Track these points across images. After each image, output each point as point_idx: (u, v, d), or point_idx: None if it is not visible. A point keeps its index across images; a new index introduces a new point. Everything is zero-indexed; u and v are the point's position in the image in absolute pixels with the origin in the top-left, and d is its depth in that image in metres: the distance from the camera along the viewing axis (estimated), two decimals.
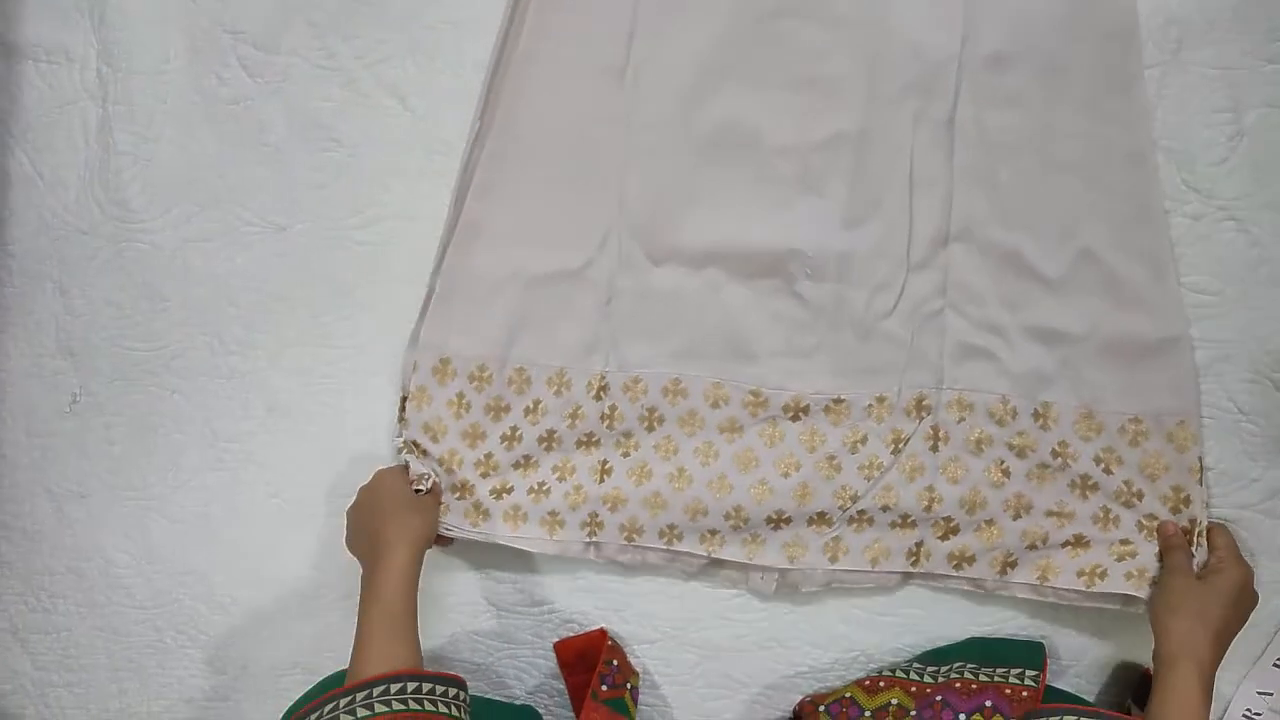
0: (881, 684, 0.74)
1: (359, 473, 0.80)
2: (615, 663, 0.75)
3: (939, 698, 0.70)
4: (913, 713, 0.71)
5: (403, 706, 0.58)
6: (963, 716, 0.69)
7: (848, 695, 0.74)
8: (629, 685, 0.74)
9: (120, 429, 0.84)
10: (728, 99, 0.76)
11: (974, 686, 0.70)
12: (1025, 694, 0.69)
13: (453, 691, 0.62)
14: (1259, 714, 0.76)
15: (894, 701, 0.72)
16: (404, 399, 0.79)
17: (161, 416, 0.84)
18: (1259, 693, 0.76)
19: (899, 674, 0.75)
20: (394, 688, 0.59)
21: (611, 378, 0.78)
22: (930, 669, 0.74)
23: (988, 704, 0.69)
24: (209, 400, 0.83)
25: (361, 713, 0.58)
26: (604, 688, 0.72)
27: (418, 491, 0.75)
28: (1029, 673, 0.71)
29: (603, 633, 0.78)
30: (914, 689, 0.72)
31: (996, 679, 0.71)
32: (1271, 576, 0.76)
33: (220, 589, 0.84)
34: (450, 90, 0.80)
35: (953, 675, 0.72)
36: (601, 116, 0.77)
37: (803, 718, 0.77)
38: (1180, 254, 0.75)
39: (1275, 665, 0.75)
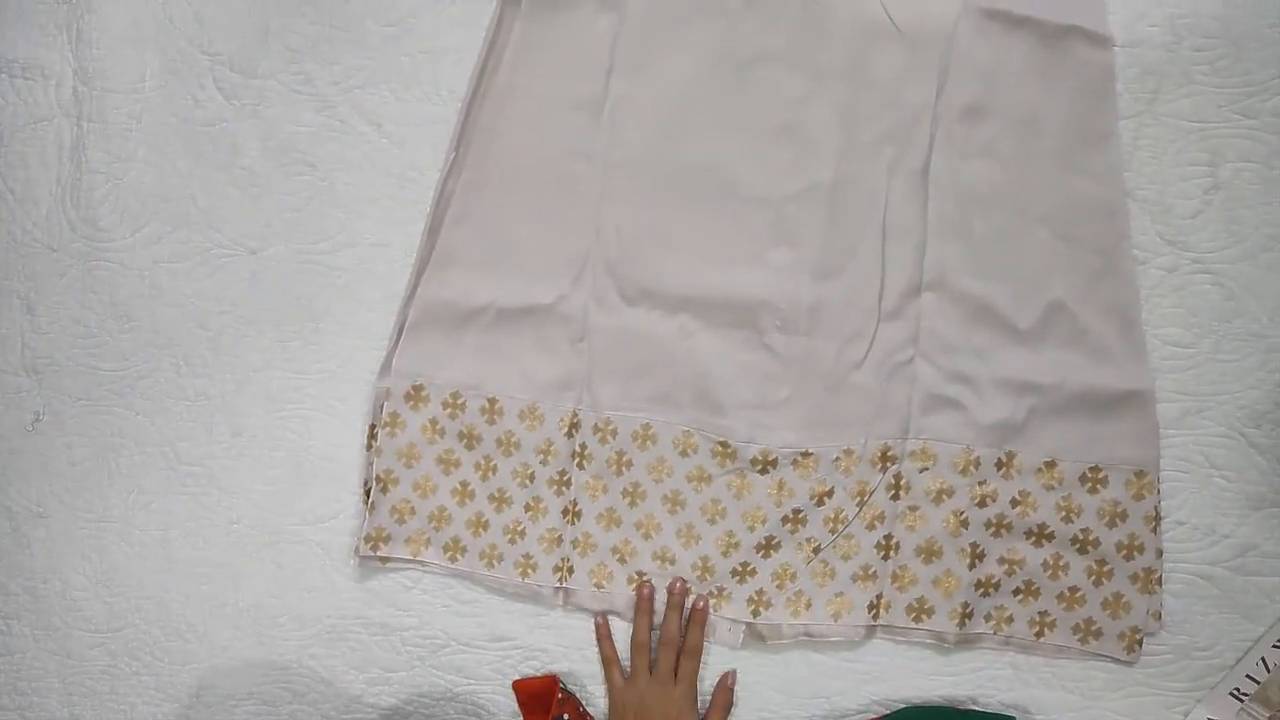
0: None
1: (322, 500, 0.83)
2: (566, 716, 0.76)
3: None
4: None
5: None
6: None
7: None
8: None
9: (82, 449, 0.86)
10: (704, 142, 0.78)
11: None
12: None
13: None
14: None
15: None
16: (372, 428, 0.81)
17: (124, 438, 0.86)
18: (1209, 719, 0.77)
19: None
20: None
21: (583, 416, 0.80)
22: None
23: None
24: (173, 422, 0.85)
25: None
26: None
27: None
28: None
29: (554, 681, 0.79)
30: None
31: None
32: (1242, 634, 0.78)
33: (177, 615, 0.85)
34: (426, 118, 0.82)
35: None
36: (578, 151, 0.79)
37: None
38: (1154, 306, 0.78)
39: (1231, 695, 0.77)
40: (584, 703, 0.81)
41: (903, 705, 0.80)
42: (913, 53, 0.76)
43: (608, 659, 0.79)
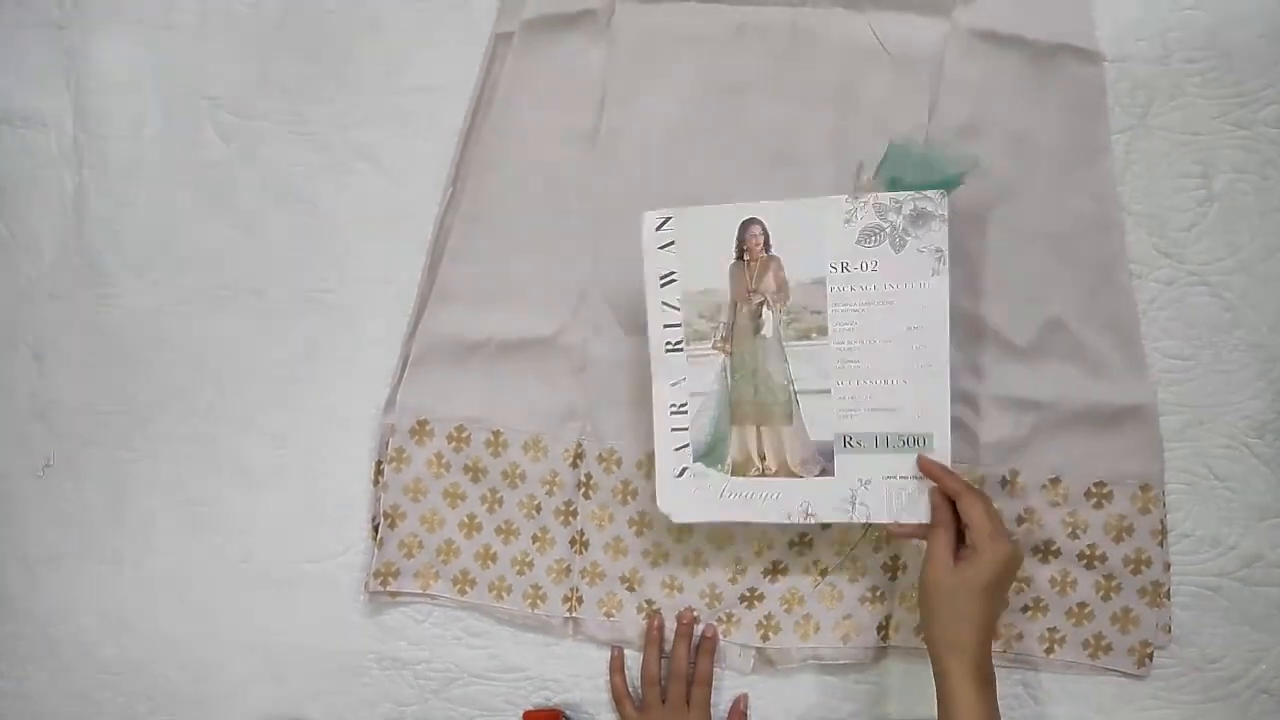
0: None
1: (331, 536, 0.85)
2: None
3: None
4: None
5: None
6: None
7: None
8: None
9: (92, 493, 0.88)
10: (696, 170, 0.79)
11: None
12: None
13: None
14: None
15: None
16: (379, 464, 0.83)
17: (134, 480, 0.87)
18: None
19: None
20: None
21: (587, 446, 0.81)
22: None
23: None
24: (181, 464, 0.87)
25: None
26: None
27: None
28: None
29: (558, 716, 0.81)
30: None
31: None
32: (1252, 645, 0.79)
33: (190, 655, 0.87)
34: (423, 155, 0.83)
35: None
36: (573, 182, 0.80)
37: None
38: (1152, 319, 0.78)
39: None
40: None
41: None
42: (902, 76, 0.77)
43: (619, 691, 0.80)
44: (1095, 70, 0.77)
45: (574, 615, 0.81)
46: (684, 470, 0.73)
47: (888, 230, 0.68)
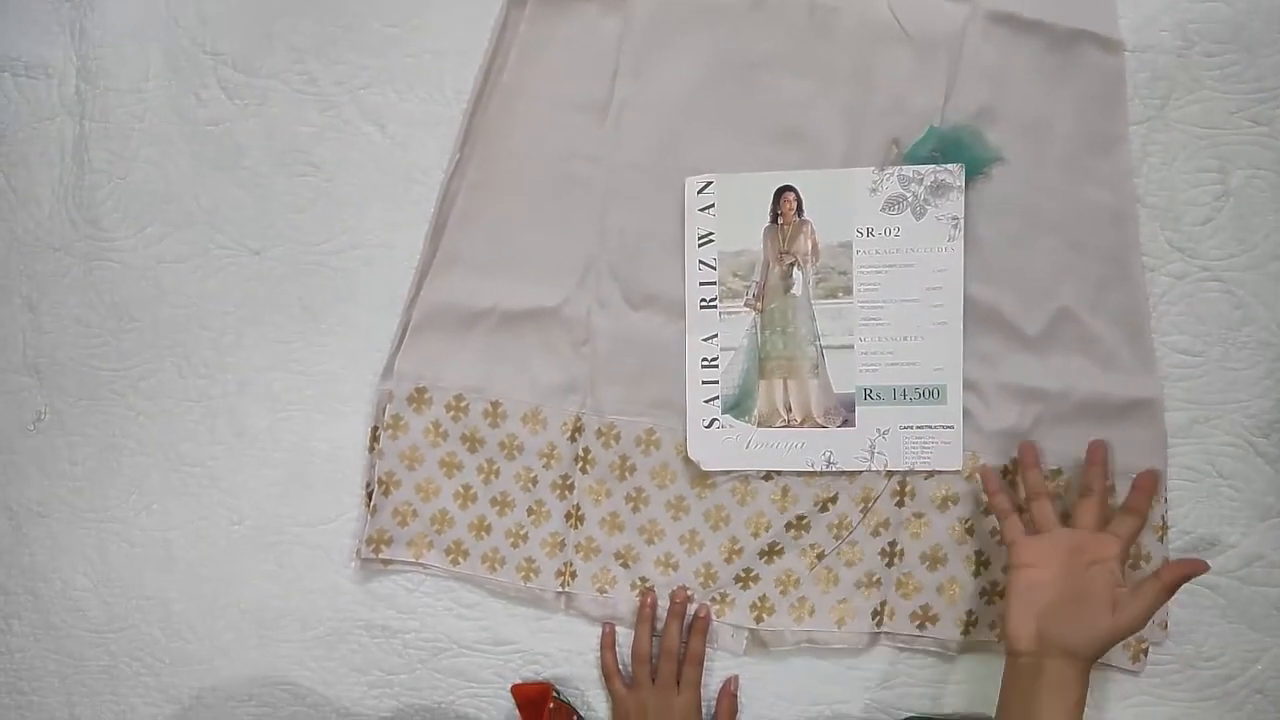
0: None
1: (324, 501, 0.84)
2: None
3: None
4: None
5: None
6: None
7: None
8: None
9: (83, 449, 0.87)
10: (708, 145, 0.78)
11: None
12: None
13: None
14: None
15: None
16: (375, 430, 0.82)
17: (126, 438, 0.87)
18: None
19: None
20: None
21: (586, 420, 0.81)
22: None
23: None
24: (174, 423, 0.86)
25: None
26: None
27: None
28: None
29: (548, 689, 0.80)
30: None
31: None
32: (1249, 645, 0.79)
33: (178, 616, 0.87)
34: (430, 119, 0.82)
35: None
36: (583, 153, 0.80)
37: None
38: (1163, 313, 0.78)
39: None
40: (584, 708, 0.82)
41: (908, 715, 0.81)
42: (920, 57, 0.77)
43: (609, 668, 0.80)
44: (1116, 59, 0.76)
45: (567, 590, 0.81)
46: (713, 421, 0.78)
47: (910, 199, 0.75)
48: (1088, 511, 0.70)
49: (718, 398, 0.78)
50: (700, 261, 0.77)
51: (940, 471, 0.78)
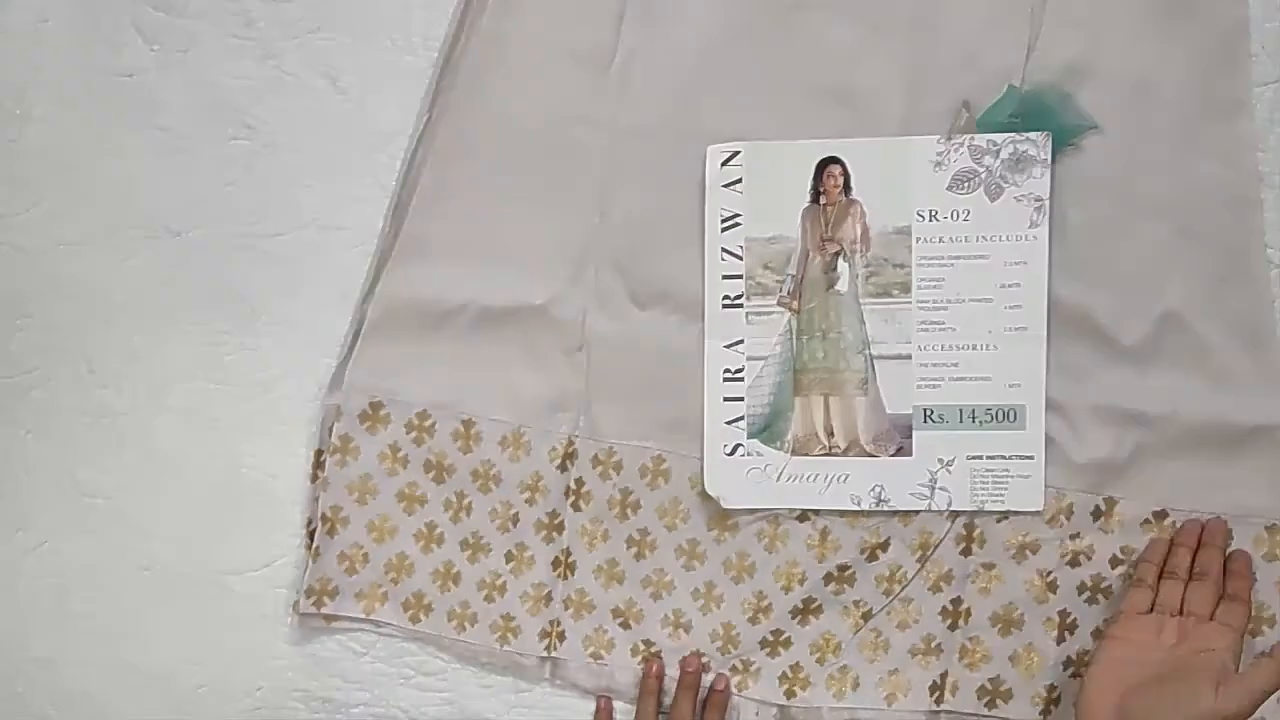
0: None
1: (255, 544, 0.77)
2: None
3: None
4: None
5: None
6: None
7: None
8: None
9: None
10: (734, 106, 0.72)
11: None
12: None
13: None
14: None
15: None
16: (319, 455, 0.75)
17: (11, 462, 0.79)
18: None
19: None
20: None
21: (580, 444, 0.75)
22: None
23: None
24: (73, 443, 0.79)
25: None
26: None
27: None
28: None
29: None
30: None
31: None
32: None
33: (71, 680, 0.79)
34: (393, 71, 0.76)
35: None
36: (580, 116, 0.73)
37: None
38: None
39: None
40: None
41: None
42: (996, 2, 0.70)
43: None
44: (1238, 6, 0.69)
45: (553, 655, 0.75)
46: (737, 447, 0.72)
47: (983, 175, 0.69)
48: (1203, 600, 0.66)
49: (743, 418, 0.72)
50: (723, 250, 0.71)
51: (1017, 512, 0.71)
